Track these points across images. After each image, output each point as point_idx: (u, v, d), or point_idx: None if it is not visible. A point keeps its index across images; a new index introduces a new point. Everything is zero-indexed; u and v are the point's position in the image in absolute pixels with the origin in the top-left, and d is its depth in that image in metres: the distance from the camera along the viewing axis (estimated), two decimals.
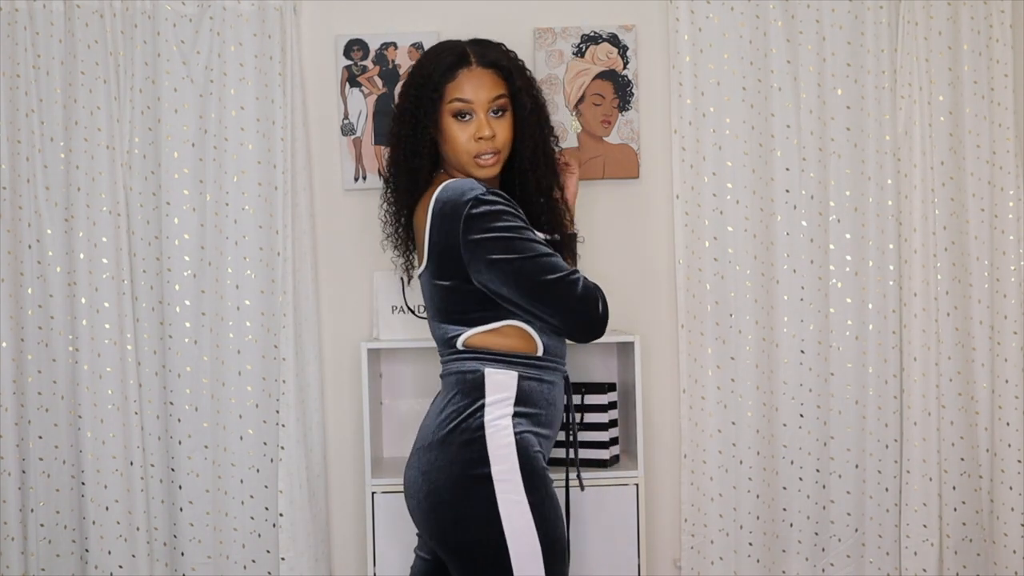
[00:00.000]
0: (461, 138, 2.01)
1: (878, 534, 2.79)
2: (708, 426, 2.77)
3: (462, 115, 2.01)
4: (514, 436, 1.96)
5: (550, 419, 2.05)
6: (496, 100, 2.02)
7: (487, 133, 2.00)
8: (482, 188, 1.94)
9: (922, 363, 2.74)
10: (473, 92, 2.01)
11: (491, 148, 2.01)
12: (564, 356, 2.09)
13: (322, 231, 2.80)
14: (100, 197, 2.69)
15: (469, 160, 2.02)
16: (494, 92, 2.02)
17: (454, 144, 2.02)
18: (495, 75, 2.03)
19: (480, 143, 2.00)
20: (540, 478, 1.97)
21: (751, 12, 2.74)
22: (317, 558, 2.74)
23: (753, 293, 2.76)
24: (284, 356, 2.68)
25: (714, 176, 2.75)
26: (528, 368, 2.02)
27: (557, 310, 1.94)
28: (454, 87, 2.01)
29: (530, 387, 2.01)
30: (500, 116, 2.03)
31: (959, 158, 2.76)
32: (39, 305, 2.71)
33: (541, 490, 1.96)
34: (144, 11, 2.70)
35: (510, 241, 1.92)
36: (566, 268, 1.94)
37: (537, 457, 1.98)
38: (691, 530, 2.78)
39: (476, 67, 2.02)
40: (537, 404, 2.02)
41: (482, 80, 2.02)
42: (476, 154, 2.01)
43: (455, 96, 2.01)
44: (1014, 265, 2.75)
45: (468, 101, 2.00)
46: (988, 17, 2.74)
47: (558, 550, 1.96)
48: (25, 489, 2.72)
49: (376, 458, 2.68)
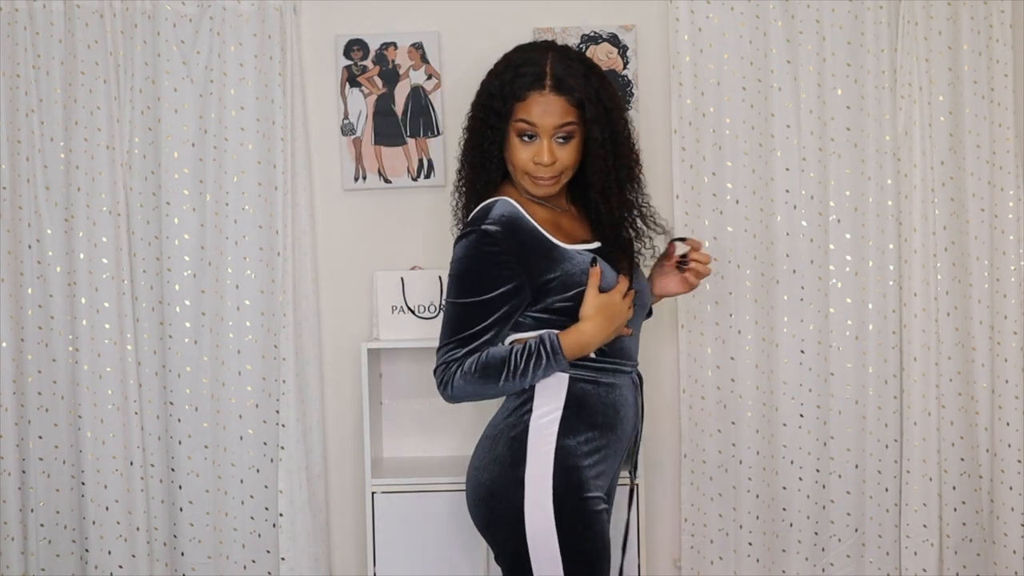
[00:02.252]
0: (522, 156, 1.97)
1: (878, 534, 2.79)
2: (708, 426, 2.77)
3: (527, 136, 1.97)
4: (556, 442, 1.94)
5: (609, 423, 1.99)
6: (563, 127, 1.96)
7: (546, 160, 1.95)
8: (495, 226, 1.92)
9: (922, 363, 2.74)
10: (540, 117, 1.95)
11: (548, 173, 1.97)
12: (630, 357, 2.05)
13: (322, 231, 2.80)
14: (100, 197, 2.69)
15: (525, 178, 1.99)
16: (562, 119, 1.95)
17: (514, 160, 1.98)
18: (567, 102, 1.96)
19: (538, 167, 1.96)
20: (574, 491, 1.92)
21: (751, 12, 2.74)
22: (317, 558, 2.74)
23: (753, 293, 2.76)
24: (284, 356, 2.68)
25: (714, 176, 2.75)
26: (582, 370, 1.99)
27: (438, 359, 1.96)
28: (523, 108, 1.96)
29: (582, 391, 1.98)
30: (565, 143, 1.97)
31: (959, 158, 2.76)
32: (39, 305, 2.71)
33: (577, 505, 1.92)
34: (144, 11, 2.70)
35: (463, 281, 1.93)
36: (471, 334, 1.92)
37: (579, 469, 1.94)
38: (691, 530, 2.78)
39: (548, 93, 1.95)
40: (588, 407, 1.98)
41: (551, 106, 1.95)
42: (533, 175, 1.97)
43: (522, 116, 1.96)
44: (1014, 265, 2.75)
45: (533, 124, 1.95)
46: (988, 17, 2.74)
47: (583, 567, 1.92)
48: (25, 489, 2.72)
49: (376, 458, 2.68)
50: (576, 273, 1.96)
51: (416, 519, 2.58)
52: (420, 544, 2.58)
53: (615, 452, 2.01)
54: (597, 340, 1.95)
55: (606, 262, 1.98)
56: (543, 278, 1.95)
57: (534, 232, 1.95)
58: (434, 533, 2.59)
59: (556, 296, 1.96)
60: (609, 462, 2.00)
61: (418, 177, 2.79)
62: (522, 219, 1.96)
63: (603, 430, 1.98)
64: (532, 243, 1.95)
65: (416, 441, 2.82)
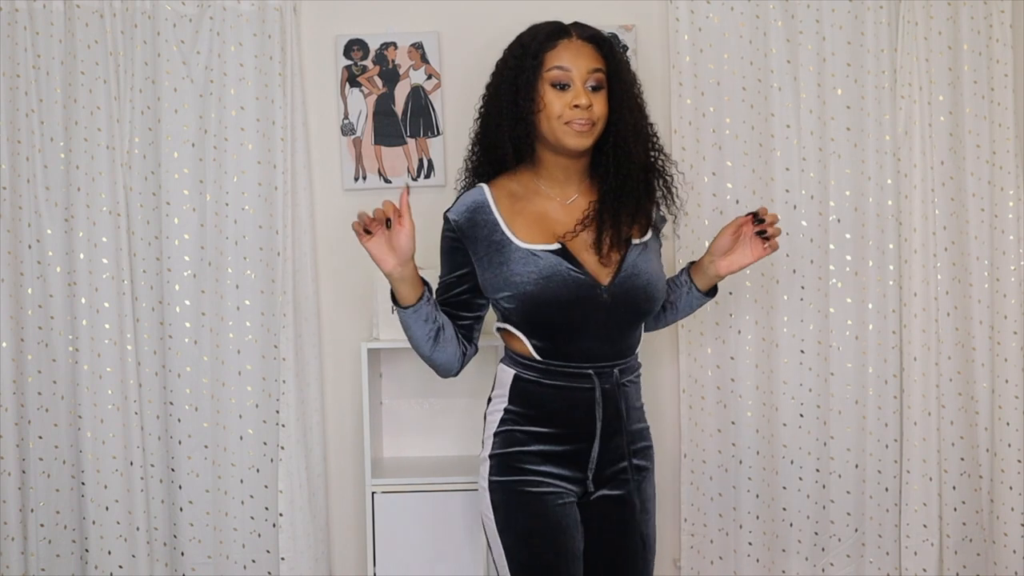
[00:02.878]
0: (557, 105, 1.99)
1: (878, 534, 2.79)
2: (708, 426, 2.77)
3: (560, 85, 2.00)
4: (498, 427, 2.07)
5: (547, 420, 2.04)
6: (593, 73, 2.01)
7: (584, 102, 1.98)
8: (455, 215, 2.06)
9: (922, 363, 2.74)
10: (572, 61, 2.00)
11: (586, 117, 1.99)
12: (589, 359, 2.04)
13: (322, 231, 2.80)
14: (100, 197, 2.69)
15: (561, 127, 2.00)
16: (593, 64, 2.01)
17: (549, 111, 2.00)
18: (594, 49, 2.03)
19: (575, 111, 1.99)
20: (510, 472, 2.04)
21: (751, 12, 2.74)
22: (317, 558, 2.74)
23: (753, 293, 2.76)
24: (284, 356, 2.68)
25: (714, 176, 2.75)
26: (526, 369, 2.06)
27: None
28: (554, 55, 2.01)
29: (525, 390, 2.06)
30: (597, 91, 2.02)
31: (959, 158, 2.76)
32: (39, 305, 2.71)
33: (508, 485, 2.03)
34: (144, 11, 2.70)
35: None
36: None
37: (517, 454, 2.04)
38: (691, 530, 2.78)
39: (576, 39, 2.03)
40: (531, 404, 2.05)
41: (581, 51, 2.02)
42: (570, 120, 1.99)
43: (555, 64, 2.00)
44: (1014, 265, 2.75)
45: (567, 69, 2.00)
46: (988, 17, 2.74)
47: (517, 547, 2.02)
48: (25, 489, 2.72)
49: (376, 458, 2.68)
50: (515, 275, 1.99)
51: (416, 519, 2.58)
52: (420, 544, 2.58)
53: (568, 445, 2.05)
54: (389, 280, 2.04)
55: (568, 261, 2.00)
56: (490, 271, 2.03)
57: (493, 225, 2.03)
58: (434, 533, 2.59)
59: (500, 293, 2.02)
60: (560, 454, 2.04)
61: (418, 177, 2.79)
62: (485, 210, 2.04)
63: (547, 424, 2.04)
64: (485, 235, 2.03)
65: (416, 441, 2.82)
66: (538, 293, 1.98)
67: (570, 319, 2.00)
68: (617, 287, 2.01)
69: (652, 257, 2.09)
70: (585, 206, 2.07)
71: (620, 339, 2.06)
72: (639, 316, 2.08)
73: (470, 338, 2.14)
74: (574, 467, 2.05)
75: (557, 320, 2.00)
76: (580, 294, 1.99)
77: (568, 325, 2.01)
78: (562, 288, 1.98)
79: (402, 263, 1.98)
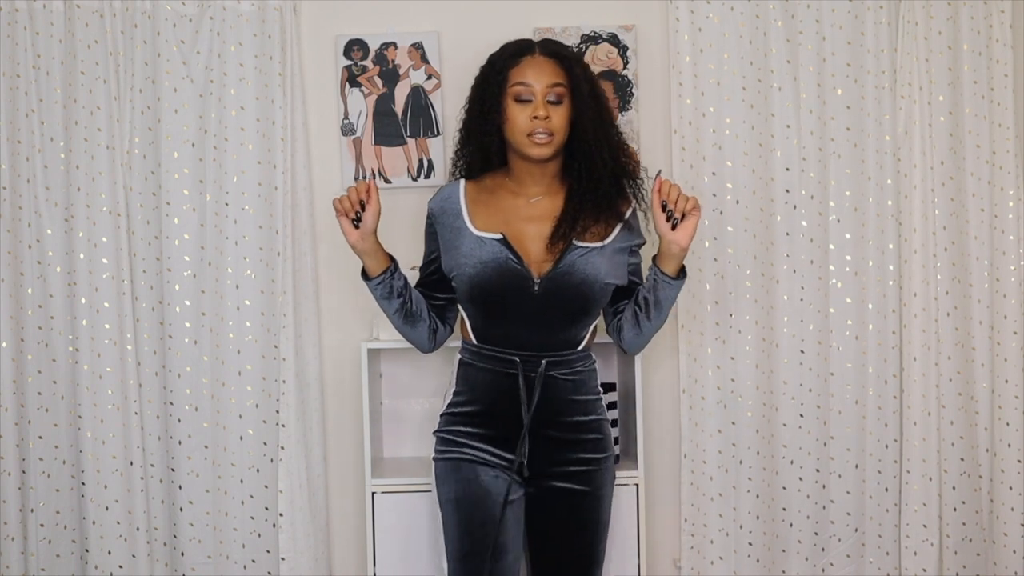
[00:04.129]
0: (519, 118, 2.17)
1: (878, 534, 2.79)
2: (708, 426, 2.77)
3: (523, 99, 2.17)
4: (444, 409, 2.28)
5: (474, 402, 2.23)
6: (554, 88, 2.17)
7: (542, 114, 2.15)
8: (432, 202, 2.28)
9: (922, 363, 2.74)
10: (534, 76, 2.17)
11: (545, 128, 2.15)
12: (517, 347, 2.20)
13: (322, 231, 2.80)
14: (100, 197, 2.69)
15: (524, 139, 2.17)
16: (553, 79, 2.17)
17: (513, 124, 2.18)
18: (556, 65, 2.19)
19: (535, 122, 2.15)
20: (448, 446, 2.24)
21: (751, 12, 2.74)
22: (317, 558, 2.74)
23: (753, 293, 2.76)
24: (284, 356, 2.68)
25: (714, 176, 2.75)
26: (467, 353, 2.28)
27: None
28: (517, 71, 2.18)
29: (466, 373, 2.27)
30: (557, 104, 2.17)
31: (959, 158, 2.76)
32: (39, 305, 2.71)
33: (444, 457, 2.24)
34: (144, 11, 2.70)
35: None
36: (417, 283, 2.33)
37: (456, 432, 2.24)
38: (691, 530, 2.78)
39: (538, 55, 2.20)
40: (469, 386, 2.25)
41: (543, 67, 2.18)
42: (530, 132, 2.15)
43: (518, 80, 2.18)
44: (1014, 265, 2.75)
45: (529, 84, 2.17)
46: (988, 17, 2.74)
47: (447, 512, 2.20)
48: (25, 489, 2.72)
49: (376, 458, 2.68)
50: (463, 256, 2.18)
51: (416, 519, 2.58)
52: (420, 544, 2.58)
53: (496, 429, 2.21)
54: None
55: (509, 249, 2.16)
56: (448, 254, 2.23)
57: (457, 213, 2.23)
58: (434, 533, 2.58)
59: (452, 272, 2.22)
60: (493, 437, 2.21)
61: (418, 177, 2.79)
62: (454, 200, 2.25)
63: (478, 403, 2.23)
64: (450, 221, 2.23)
65: (416, 441, 2.81)
66: (475, 275, 2.17)
67: (500, 304, 2.17)
68: (549, 282, 2.16)
69: (600, 262, 2.19)
70: (548, 205, 2.22)
71: (550, 333, 2.20)
72: (572, 314, 2.20)
73: (443, 318, 2.34)
74: (506, 448, 2.21)
75: (489, 303, 2.19)
76: (512, 282, 2.16)
77: (499, 309, 2.18)
78: (495, 274, 2.15)
79: (363, 236, 2.19)
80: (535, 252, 2.18)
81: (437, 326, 2.32)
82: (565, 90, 2.18)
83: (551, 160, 2.21)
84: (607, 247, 2.21)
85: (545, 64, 2.19)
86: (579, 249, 2.17)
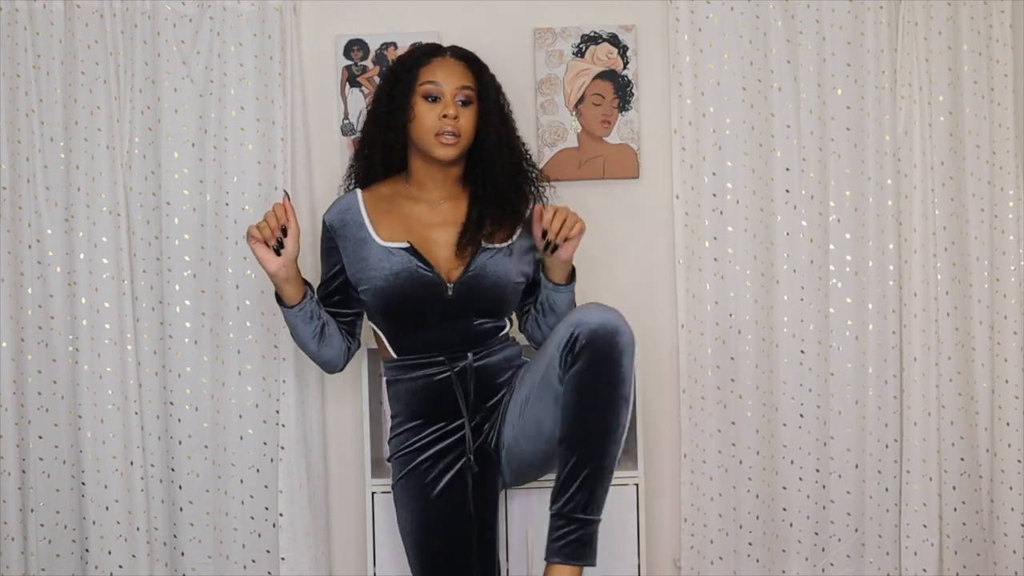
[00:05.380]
0: (427, 117, 2.19)
1: (878, 534, 2.79)
2: (708, 426, 2.77)
3: (431, 97, 2.19)
4: (390, 435, 2.31)
5: (413, 416, 2.25)
6: (463, 89, 2.21)
7: (452, 112, 2.17)
8: (329, 216, 2.27)
9: (922, 363, 2.74)
10: (444, 76, 2.20)
11: (453, 128, 2.17)
12: (438, 349, 2.21)
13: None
14: (100, 197, 2.69)
15: (431, 139, 2.19)
16: (463, 81, 2.21)
17: (420, 122, 2.19)
18: (466, 68, 2.24)
19: (443, 121, 2.17)
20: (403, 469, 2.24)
21: (751, 12, 2.74)
22: (317, 558, 2.74)
23: (753, 293, 2.76)
24: (284, 356, 2.68)
25: (714, 176, 2.75)
26: (392, 371, 2.29)
27: None
28: (428, 71, 2.21)
29: (396, 391, 2.29)
30: (465, 106, 2.21)
31: (959, 158, 2.76)
32: (39, 305, 2.71)
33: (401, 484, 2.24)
34: (144, 11, 2.70)
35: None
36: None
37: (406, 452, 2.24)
38: (691, 530, 2.78)
39: (449, 57, 2.25)
40: (403, 402, 2.27)
41: (453, 69, 2.22)
42: (438, 132, 2.17)
43: (427, 79, 2.20)
44: (1014, 265, 2.75)
45: (438, 84, 2.20)
46: (988, 17, 2.74)
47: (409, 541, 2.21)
48: (25, 489, 2.72)
49: (376, 458, 2.68)
50: (371, 269, 2.18)
51: None
52: None
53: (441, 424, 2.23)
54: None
55: (418, 259, 2.18)
56: (353, 267, 2.23)
57: (359, 224, 2.23)
58: None
59: (360, 286, 2.22)
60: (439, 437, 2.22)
61: None
62: (354, 211, 2.25)
63: (417, 416, 2.25)
64: (352, 233, 2.23)
65: None
66: (386, 288, 2.17)
67: (417, 313, 2.19)
68: (462, 285, 2.19)
69: (509, 262, 2.23)
70: (451, 210, 2.26)
71: (470, 331, 2.23)
72: (487, 313, 2.25)
73: (352, 334, 2.35)
74: (452, 439, 2.22)
75: (406, 313, 2.20)
76: (425, 291, 2.17)
77: (414, 318, 2.20)
78: (408, 284, 2.17)
79: (286, 264, 2.15)
80: (444, 258, 2.22)
81: (350, 344, 2.34)
82: (473, 93, 2.22)
83: (454, 164, 2.24)
84: (514, 246, 2.26)
85: (456, 66, 2.23)
86: (487, 251, 2.22)
